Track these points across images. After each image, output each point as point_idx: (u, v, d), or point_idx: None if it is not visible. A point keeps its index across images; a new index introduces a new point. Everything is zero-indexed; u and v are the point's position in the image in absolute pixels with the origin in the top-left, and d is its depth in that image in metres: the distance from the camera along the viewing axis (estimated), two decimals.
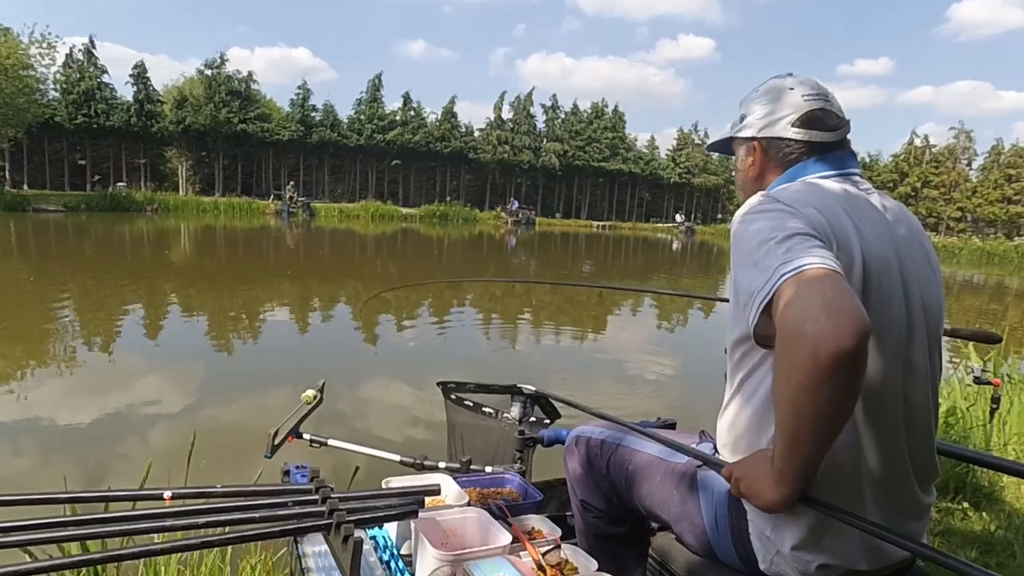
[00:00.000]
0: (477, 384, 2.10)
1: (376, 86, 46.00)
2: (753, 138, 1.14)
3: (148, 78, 39.53)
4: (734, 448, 1.07)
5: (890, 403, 0.97)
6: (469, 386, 2.10)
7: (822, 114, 1.09)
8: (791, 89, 1.11)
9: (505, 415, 2.01)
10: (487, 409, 2.04)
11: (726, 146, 1.24)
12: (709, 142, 1.31)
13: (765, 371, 1.00)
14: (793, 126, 1.09)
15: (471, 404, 2.07)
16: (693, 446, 1.19)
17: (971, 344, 4.44)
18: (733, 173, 1.27)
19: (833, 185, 1.05)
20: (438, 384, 2.12)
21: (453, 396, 2.11)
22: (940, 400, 3.44)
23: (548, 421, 2.04)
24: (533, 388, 2.00)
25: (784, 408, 0.86)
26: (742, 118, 1.18)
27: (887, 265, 0.97)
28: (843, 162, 1.09)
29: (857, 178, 1.09)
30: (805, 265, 0.84)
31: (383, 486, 1.41)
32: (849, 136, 1.12)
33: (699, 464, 1.15)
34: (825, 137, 1.08)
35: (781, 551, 1.00)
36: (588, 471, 1.35)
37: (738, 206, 1.16)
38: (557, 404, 2.01)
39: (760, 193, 1.04)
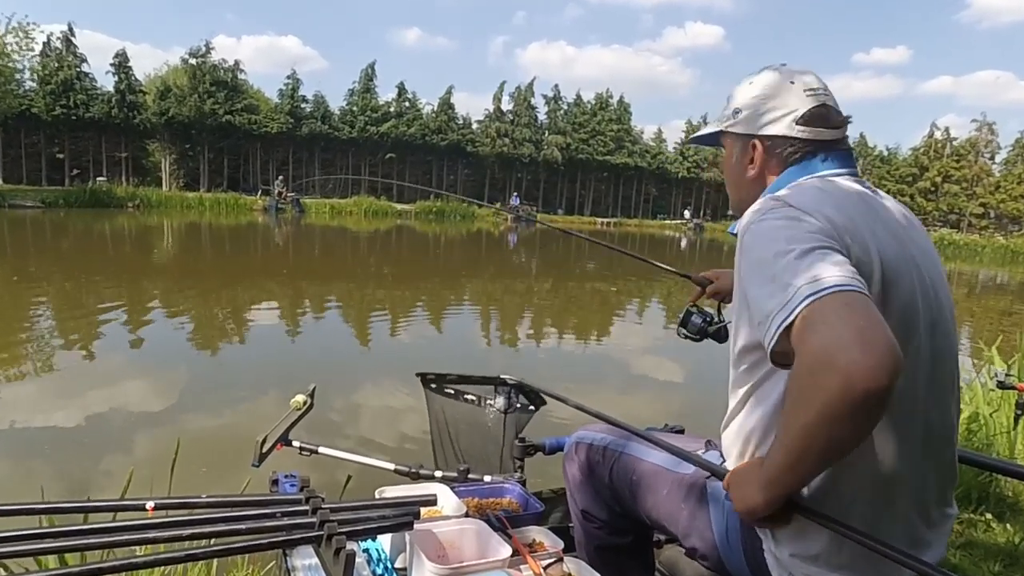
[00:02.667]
0: (459, 376, 2.11)
1: (369, 76, 46.02)
2: (752, 135, 1.12)
3: (130, 67, 39.54)
4: (741, 459, 1.06)
5: (914, 408, 0.96)
6: (450, 377, 2.11)
7: (825, 111, 1.08)
8: (792, 83, 1.09)
9: (489, 401, 2.04)
10: (469, 396, 2.05)
11: (713, 139, 1.22)
12: (695, 135, 1.28)
13: (774, 382, 0.99)
14: (797, 124, 1.07)
15: (452, 392, 2.08)
16: (699, 454, 1.19)
17: (994, 347, 4.45)
18: (721, 169, 1.23)
19: (844, 184, 1.04)
20: (417, 375, 2.13)
21: (433, 386, 2.12)
22: (962, 406, 3.45)
23: (533, 408, 2.07)
24: (517, 379, 2.03)
25: (795, 430, 0.84)
26: (736, 112, 1.14)
27: (905, 265, 0.96)
28: (848, 161, 1.09)
29: (855, 177, 1.08)
30: (831, 287, 0.80)
31: (376, 496, 1.41)
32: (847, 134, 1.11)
33: (708, 475, 1.14)
34: (830, 135, 1.07)
35: (793, 569, 1.00)
36: (589, 479, 1.35)
37: (726, 203, 1.14)
38: (545, 397, 2.02)
39: (769, 196, 1.01)
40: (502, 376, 2.04)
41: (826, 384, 0.76)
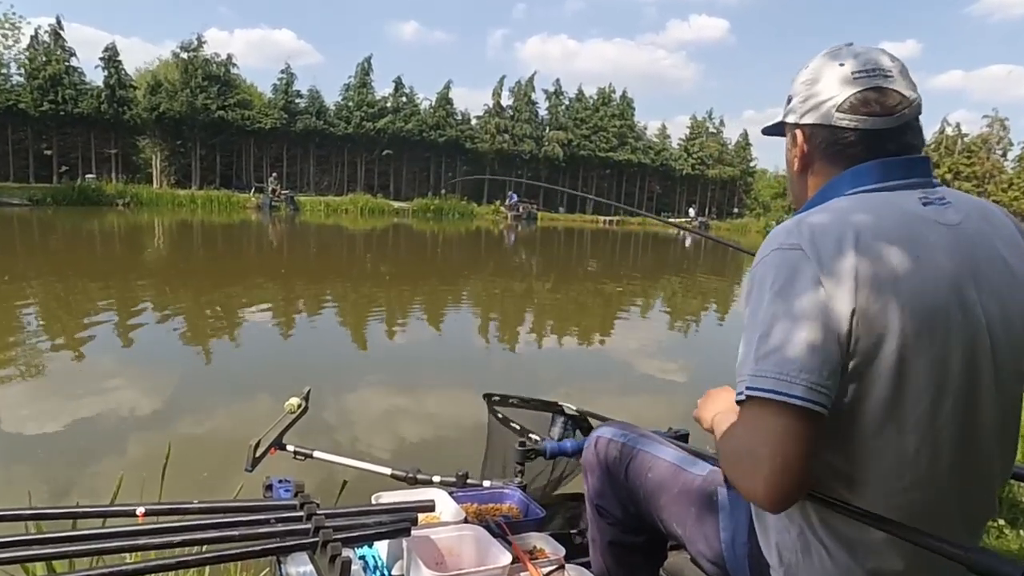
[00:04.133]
0: (521, 399, 2.16)
1: (365, 70, 45.98)
2: (796, 125, 1.04)
3: (120, 62, 39.47)
4: None
5: (945, 462, 0.90)
6: (513, 400, 2.16)
7: (878, 94, 0.95)
8: (841, 65, 0.98)
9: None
10: (534, 436, 2.06)
11: (779, 130, 1.15)
12: (766, 125, 1.20)
13: None
14: (839, 111, 0.97)
15: (518, 428, 2.09)
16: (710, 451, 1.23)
17: None
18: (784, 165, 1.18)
19: (892, 206, 0.92)
20: (484, 396, 2.18)
21: (500, 415, 2.15)
22: None
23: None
24: (575, 408, 2.05)
25: (726, 454, 0.97)
26: (788, 100, 1.07)
27: (943, 316, 0.86)
28: (904, 167, 0.96)
29: (921, 187, 0.95)
30: (773, 393, 0.81)
31: (373, 502, 1.41)
32: (920, 118, 0.99)
33: (723, 483, 1.15)
34: (880, 123, 0.95)
35: None
36: (606, 475, 1.36)
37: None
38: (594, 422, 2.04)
39: (793, 222, 0.93)
40: (561, 404, 2.07)
41: (739, 481, 0.89)
